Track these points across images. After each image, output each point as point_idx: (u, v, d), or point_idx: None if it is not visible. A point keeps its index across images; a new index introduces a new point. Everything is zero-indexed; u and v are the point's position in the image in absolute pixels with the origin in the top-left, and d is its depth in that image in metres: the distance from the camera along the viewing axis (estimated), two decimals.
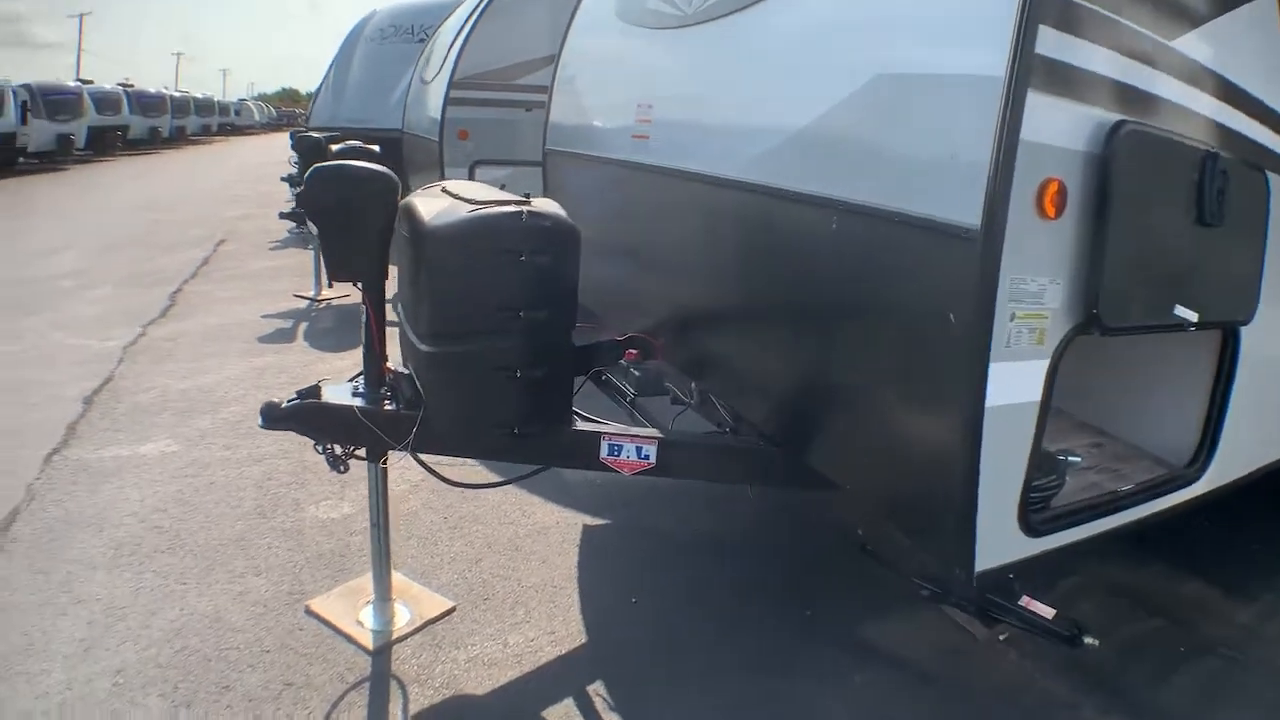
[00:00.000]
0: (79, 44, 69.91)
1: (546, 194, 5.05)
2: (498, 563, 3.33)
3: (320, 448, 2.70)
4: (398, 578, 3.16)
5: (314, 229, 2.50)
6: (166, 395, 5.12)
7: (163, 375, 5.50)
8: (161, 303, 7.58)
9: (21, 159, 19.85)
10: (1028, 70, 1.75)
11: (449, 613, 2.99)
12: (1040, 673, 2.75)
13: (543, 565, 3.33)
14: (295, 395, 2.65)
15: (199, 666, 2.68)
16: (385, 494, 2.83)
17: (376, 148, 9.15)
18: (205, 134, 35.81)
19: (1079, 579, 3.19)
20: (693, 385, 3.41)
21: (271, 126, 55.40)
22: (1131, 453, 2.83)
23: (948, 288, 1.89)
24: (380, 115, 11.18)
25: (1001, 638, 2.87)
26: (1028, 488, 2.00)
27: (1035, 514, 2.10)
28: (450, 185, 2.87)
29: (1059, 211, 1.85)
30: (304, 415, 2.63)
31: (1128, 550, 3.35)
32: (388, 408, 2.62)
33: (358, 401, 2.64)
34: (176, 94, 34.13)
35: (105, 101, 24.51)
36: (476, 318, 2.37)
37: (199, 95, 38.40)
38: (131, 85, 28.56)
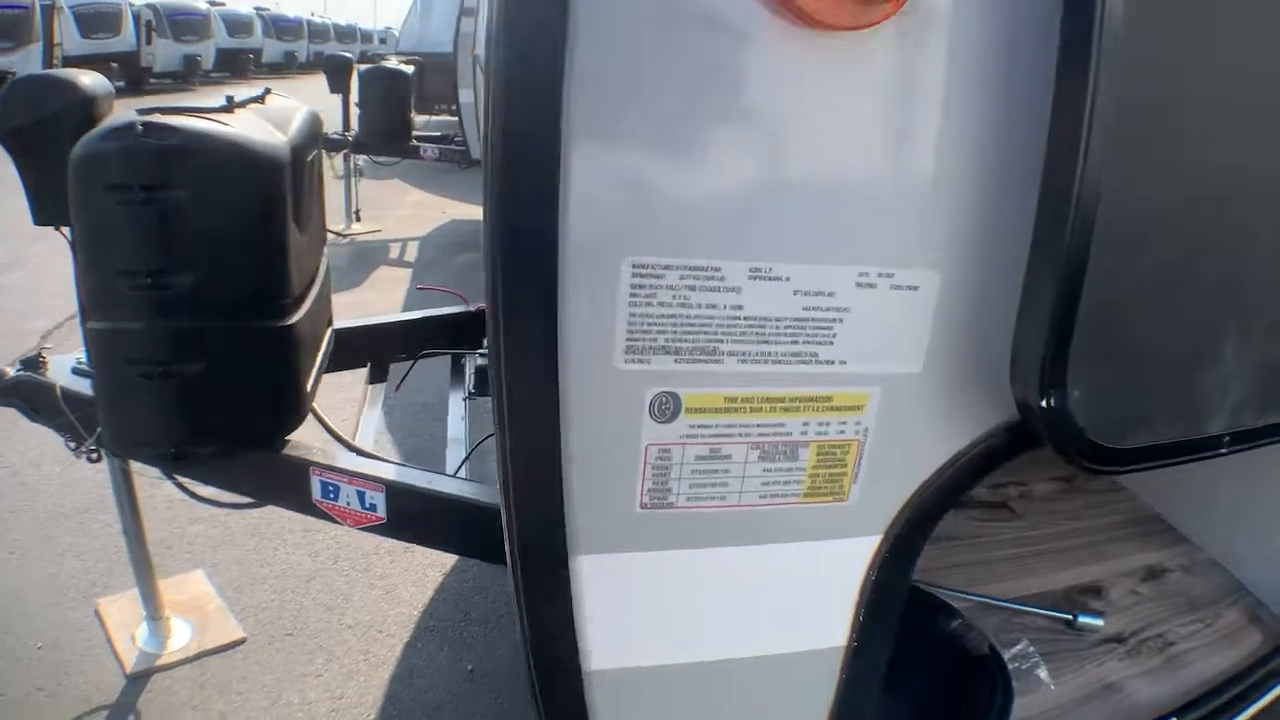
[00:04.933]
0: None
1: None
2: (332, 585, 2.78)
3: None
4: (202, 587, 2.73)
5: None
6: None
7: None
8: None
9: (153, 79, 20.39)
10: None
11: (236, 644, 2.50)
12: None
13: (383, 598, 2.73)
14: (19, 365, 2.19)
15: None
16: (133, 494, 2.33)
17: (410, 69, 8.32)
18: None
19: None
20: None
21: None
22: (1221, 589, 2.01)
23: None
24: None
25: None
26: None
27: None
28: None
29: None
30: (25, 391, 2.16)
31: None
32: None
33: (73, 381, 2.13)
34: (317, 20, 34.57)
35: (236, 24, 24.79)
36: (100, 284, 1.70)
37: (341, 22, 38.78)
38: (267, 9, 29.07)
